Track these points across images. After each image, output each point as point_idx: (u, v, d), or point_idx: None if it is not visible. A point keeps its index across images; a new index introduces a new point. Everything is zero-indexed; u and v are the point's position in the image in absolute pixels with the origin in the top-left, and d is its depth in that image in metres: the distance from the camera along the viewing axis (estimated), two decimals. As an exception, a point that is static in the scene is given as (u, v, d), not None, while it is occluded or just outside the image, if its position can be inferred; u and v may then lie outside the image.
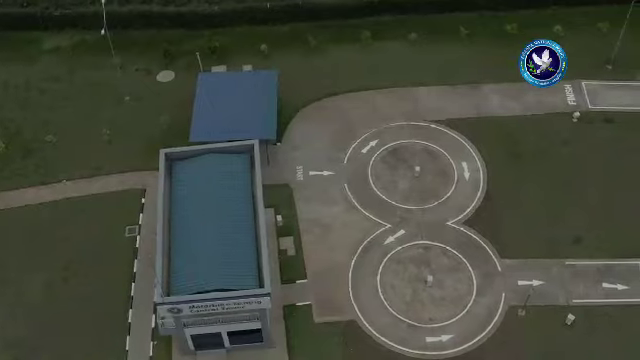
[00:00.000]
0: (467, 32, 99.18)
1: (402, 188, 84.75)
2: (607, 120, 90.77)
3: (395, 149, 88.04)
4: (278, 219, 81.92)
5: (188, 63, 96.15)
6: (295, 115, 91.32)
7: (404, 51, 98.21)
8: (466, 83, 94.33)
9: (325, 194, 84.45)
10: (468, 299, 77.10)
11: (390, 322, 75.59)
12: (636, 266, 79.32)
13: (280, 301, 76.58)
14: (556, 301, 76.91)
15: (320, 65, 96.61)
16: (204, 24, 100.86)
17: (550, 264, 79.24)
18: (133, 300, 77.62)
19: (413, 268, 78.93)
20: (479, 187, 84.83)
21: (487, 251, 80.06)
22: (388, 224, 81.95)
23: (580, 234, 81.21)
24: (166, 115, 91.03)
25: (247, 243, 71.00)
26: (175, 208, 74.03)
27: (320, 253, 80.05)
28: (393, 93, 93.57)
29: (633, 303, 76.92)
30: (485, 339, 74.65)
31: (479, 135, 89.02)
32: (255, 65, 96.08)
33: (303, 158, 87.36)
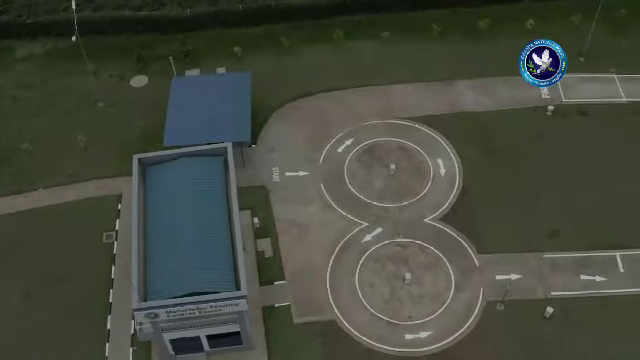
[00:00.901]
0: (440, 29, 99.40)
1: (378, 186, 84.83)
2: (581, 113, 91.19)
3: (370, 147, 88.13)
4: (255, 221, 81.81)
5: (161, 67, 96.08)
6: (270, 116, 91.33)
7: (377, 50, 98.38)
8: (440, 80, 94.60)
9: (301, 194, 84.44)
10: (446, 295, 77.16)
11: (369, 320, 75.59)
12: (614, 257, 79.68)
13: (259, 303, 76.57)
14: (534, 294, 77.15)
15: (294, 66, 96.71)
16: (177, 28, 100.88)
17: (527, 258, 79.46)
18: (112, 306, 77.40)
19: (391, 266, 78.98)
20: (455, 183, 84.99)
21: (464, 247, 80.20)
22: (365, 223, 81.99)
23: (557, 227, 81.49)
24: (140, 120, 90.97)
25: (222, 246, 70.86)
26: (150, 213, 73.83)
27: (298, 254, 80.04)
28: (367, 92, 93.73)
29: (611, 294, 77.25)
30: (464, 335, 74.81)
31: (454, 131, 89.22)
32: (229, 67, 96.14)
33: (279, 159, 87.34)
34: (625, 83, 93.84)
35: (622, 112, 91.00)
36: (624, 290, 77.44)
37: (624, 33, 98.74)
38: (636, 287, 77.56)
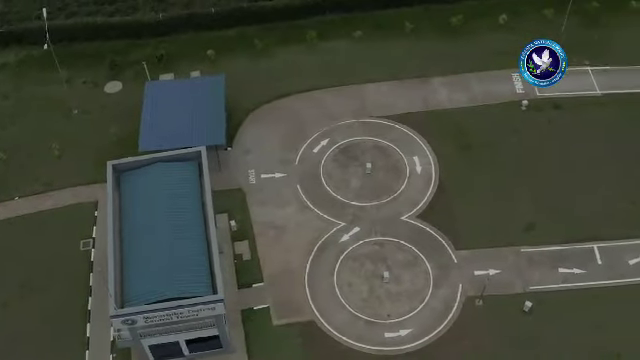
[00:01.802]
0: (412, 27, 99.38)
1: (354, 186, 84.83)
2: (556, 106, 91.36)
3: (346, 147, 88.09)
4: (232, 224, 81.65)
5: (135, 73, 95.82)
6: (245, 118, 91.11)
7: (351, 49, 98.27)
8: (414, 77, 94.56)
9: (278, 196, 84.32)
10: (425, 293, 77.26)
11: (348, 320, 75.60)
12: (591, 250, 79.99)
13: (237, 305, 76.50)
14: (513, 289, 77.37)
15: (268, 67, 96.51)
16: (150, 33, 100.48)
17: (505, 252, 79.68)
18: (91, 314, 77.14)
19: (369, 265, 79.01)
20: (431, 180, 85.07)
21: (442, 243, 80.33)
22: (342, 222, 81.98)
23: (534, 221, 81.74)
24: (115, 126, 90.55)
25: (198, 250, 70.72)
26: (125, 219, 73.62)
27: (275, 255, 79.97)
28: (342, 91, 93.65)
29: (590, 286, 77.60)
30: (444, 331, 74.95)
31: (429, 128, 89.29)
32: (203, 71, 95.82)
33: (255, 161, 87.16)
34: (599, 76, 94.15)
35: (596, 105, 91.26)
36: (603, 282, 77.76)
37: (596, 26, 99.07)
38: (614, 279, 77.89)
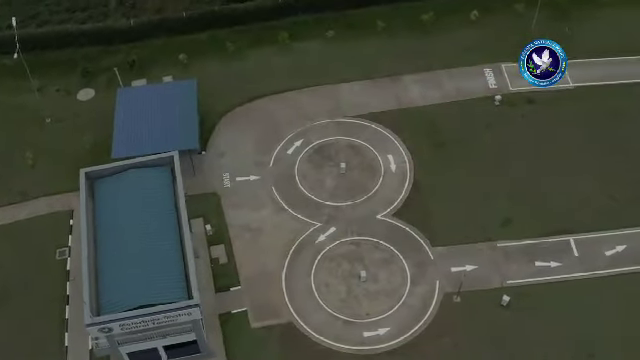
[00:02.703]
0: (384, 25, 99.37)
1: (329, 186, 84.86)
2: (529, 101, 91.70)
3: (320, 147, 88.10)
4: (207, 228, 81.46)
5: (108, 80, 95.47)
6: (219, 122, 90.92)
7: (323, 49, 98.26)
8: (386, 76, 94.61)
9: (253, 199, 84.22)
10: (403, 290, 77.35)
11: (326, 320, 75.65)
12: (567, 242, 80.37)
13: (215, 310, 76.45)
14: (490, 284, 77.68)
15: (241, 70, 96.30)
16: (121, 39, 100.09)
17: (482, 248, 79.95)
18: (68, 323, 76.88)
19: (346, 264, 79.04)
20: (406, 178, 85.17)
21: (418, 241, 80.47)
22: (318, 223, 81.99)
23: (509, 215, 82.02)
24: (89, 134, 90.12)
25: (173, 256, 70.56)
26: (99, 227, 73.32)
27: (252, 258, 79.91)
28: (315, 91, 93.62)
29: (567, 279, 78.07)
30: (423, 328, 75.19)
31: (403, 126, 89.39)
32: (175, 75, 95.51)
33: (229, 165, 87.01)
34: (571, 69, 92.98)
35: (569, 98, 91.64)
36: (580, 274, 78.30)
37: (567, 19, 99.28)
38: (591, 270, 78.37)
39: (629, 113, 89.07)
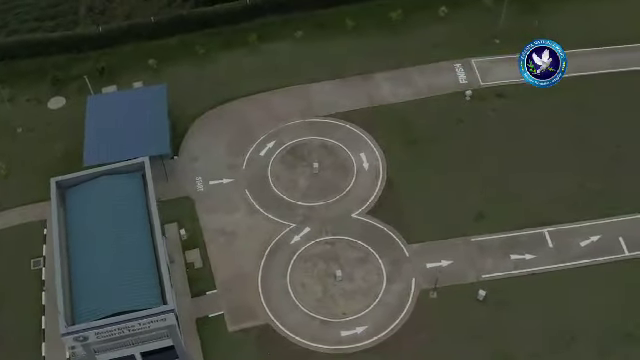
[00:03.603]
0: (353, 24, 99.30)
1: (303, 186, 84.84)
2: (500, 95, 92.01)
3: (293, 148, 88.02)
4: (182, 233, 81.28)
5: (79, 87, 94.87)
6: (191, 126, 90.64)
7: (293, 49, 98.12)
8: (357, 74, 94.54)
9: (227, 202, 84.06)
10: (379, 288, 77.45)
11: (304, 321, 75.65)
12: (542, 234, 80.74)
13: (192, 314, 76.33)
14: (466, 279, 77.94)
15: (212, 73, 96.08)
16: (91, 46, 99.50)
17: (456, 243, 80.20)
18: (45, 333, 76.54)
19: (322, 264, 79.08)
20: (379, 176, 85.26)
21: (393, 238, 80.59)
22: (292, 224, 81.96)
23: (483, 210, 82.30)
24: (61, 142, 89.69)
25: (146, 262, 70.34)
26: (72, 235, 72.99)
27: (227, 261, 79.80)
28: (287, 92, 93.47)
29: (542, 271, 78.48)
30: (400, 325, 75.33)
31: (374, 124, 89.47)
32: (146, 81, 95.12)
33: (202, 168, 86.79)
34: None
35: (539, 91, 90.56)
36: (555, 265, 78.75)
37: (536, 12, 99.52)
38: (567, 261, 78.85)
39: (598, 105, 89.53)
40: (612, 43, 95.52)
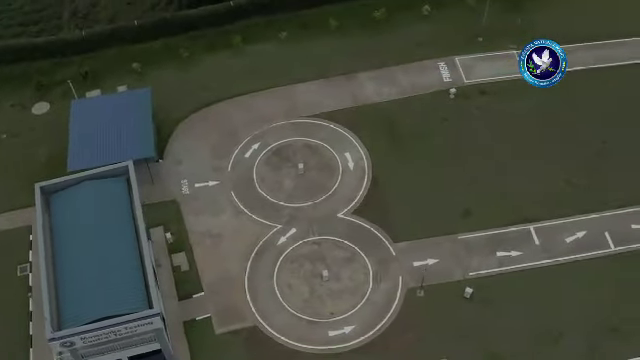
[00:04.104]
0: (337, 24, 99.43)
1: (288, 187, 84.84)
2: (484, 92, 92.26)
3: (278, 149, 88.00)
4: (168, 236, 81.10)
5: (63, 92, 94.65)
6: (175, 129, 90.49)
7: (277, 51, 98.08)
8: (341, 74, 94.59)
9: (213, 204, 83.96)
10: (366, 288, 77.45)
11: (291, 322, 75.61)
12: (528, 231, 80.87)
13: (179, 318, 76.19)
14: (452, 277, 78.06)
15: (196, 75, 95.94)
16: (74, 51, 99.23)
17: (443, 241, 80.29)
18: (33, 339, 76.24)
19: (308, 265, 79.06)
20: (365, 175, 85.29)
21: (379, 237, 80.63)
22: (278, 225, 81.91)
23: (469, 207, 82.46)
24: (45, 148, 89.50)
25: (132, 266, 70.23)
26: (57, 241, 72.81)
27: (214, 264, 79.65)
28: (271, 93, 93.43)
29: (528, 267, 78.63)
30: (388, 324, 75.36)
31: (359, 124, 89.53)
32: (130, 85, 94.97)
33: (187, 171, 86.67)
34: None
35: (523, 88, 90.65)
36: (541, 262, 78.94)
37: (519, 10, 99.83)
38: (553, 257, 79.11)
39: (582, 101, 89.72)
40: (595, 39, 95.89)
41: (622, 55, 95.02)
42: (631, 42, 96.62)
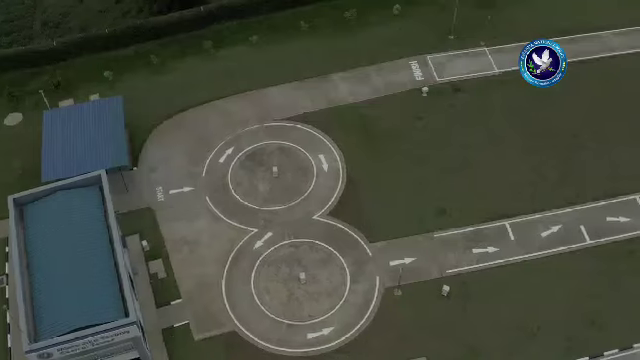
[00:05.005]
0: (308, 26, 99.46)
1: (263, 190, 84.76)
2: (456, 89, 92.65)
3: (252, 153, 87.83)
4: (144, 244, 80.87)
5: (35, 102, 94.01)
6: (148, 136, 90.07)
7: (249, 54, 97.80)
8: (314, 76, 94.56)
9: (188, 211, 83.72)
10: (343, 289, 77.57)
11: (270, 326, 75.62)
12: (503, 227, 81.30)
13: (158, 325, 76.00)
14: (430, 275, 78.32)
15: (168, 82, 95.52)
16: (46, 60, 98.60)
17: (419, 240, 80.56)
18: (11, 351, 75.94)
19: (285, 268, 79.07)
20: (339, 176, 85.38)
21: (355, 238, 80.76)
22: (254, 229, 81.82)
23: (444, 205, 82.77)
24: (19, 159, 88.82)
25: (107, 275, 69.93)
26: (32, 252, 72.35)
27: (191, 270, 79.49)
28: (244, 97, 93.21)
29: (505, 263, 79.12)
30: (367, 324, 75.54)
31: (333, 125, 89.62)
32: (102, 93, 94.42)
33: (162, 178, 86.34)
34: (496, 55, 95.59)
35: (496, 84, 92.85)
36: (518, 257, 79.53)
37: (490, 6, 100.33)
38: (529, 252, 79.66)
39: (554, 94, 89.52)
40: (567, 33, 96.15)
41: (592, 49, 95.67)
42: (601, 36, 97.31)
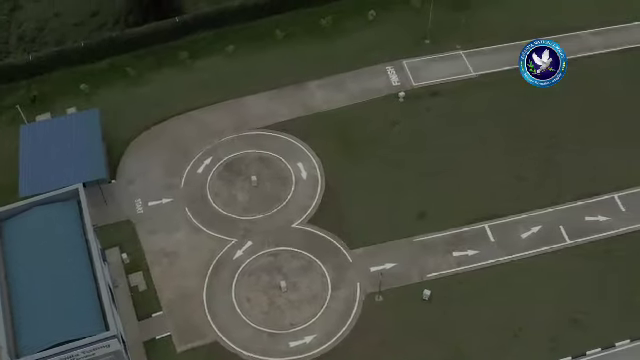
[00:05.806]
0: (284, 34, 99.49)
1: (242, 200, 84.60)
2: (433, 93, 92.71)
3: (230, 163, 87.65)
4: (124, 257, 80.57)
5: (12, 118, 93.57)
6: (126, 149, 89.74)
7: (225, 64, 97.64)
8: (290, 84, 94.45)
9: (167, 222, 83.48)
10: (324, 296, 77.50)
11: (252, 335, 75.41)
12: (483, 229, 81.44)
13: (139, 338, 75.67)
14: (410, 280, 78.30)
15: (145, 94, 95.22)
16: (22, 75, 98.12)
17: (399, 245, 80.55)
18: (-8, 369, 75.82)
19: (266, 277, 78.92)
20: (318, 184, 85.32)
21: (335, 245, 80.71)
22: (234, 239, 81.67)
23: (423, 209, 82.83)
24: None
25: (86, 289, 69.56)
26: (11, 268, 71.95)
27: (171, 282, 79.24)
28: (221, 108, 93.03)
29: (486, 265, 79.20)
30: (348, 331, 75.43)
31: (311, 132, 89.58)
32: (79, 106, 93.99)
33: (140, 190, 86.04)
34: (472, 58, 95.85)
35: (473, 86, 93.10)
36: (498, 259, 79.56)
37: (465, 8, 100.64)
38: (509, 254, 79.78)
39: (531, 95, 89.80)
40: (544, 34, 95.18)
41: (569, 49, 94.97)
42: (577, 36, 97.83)
